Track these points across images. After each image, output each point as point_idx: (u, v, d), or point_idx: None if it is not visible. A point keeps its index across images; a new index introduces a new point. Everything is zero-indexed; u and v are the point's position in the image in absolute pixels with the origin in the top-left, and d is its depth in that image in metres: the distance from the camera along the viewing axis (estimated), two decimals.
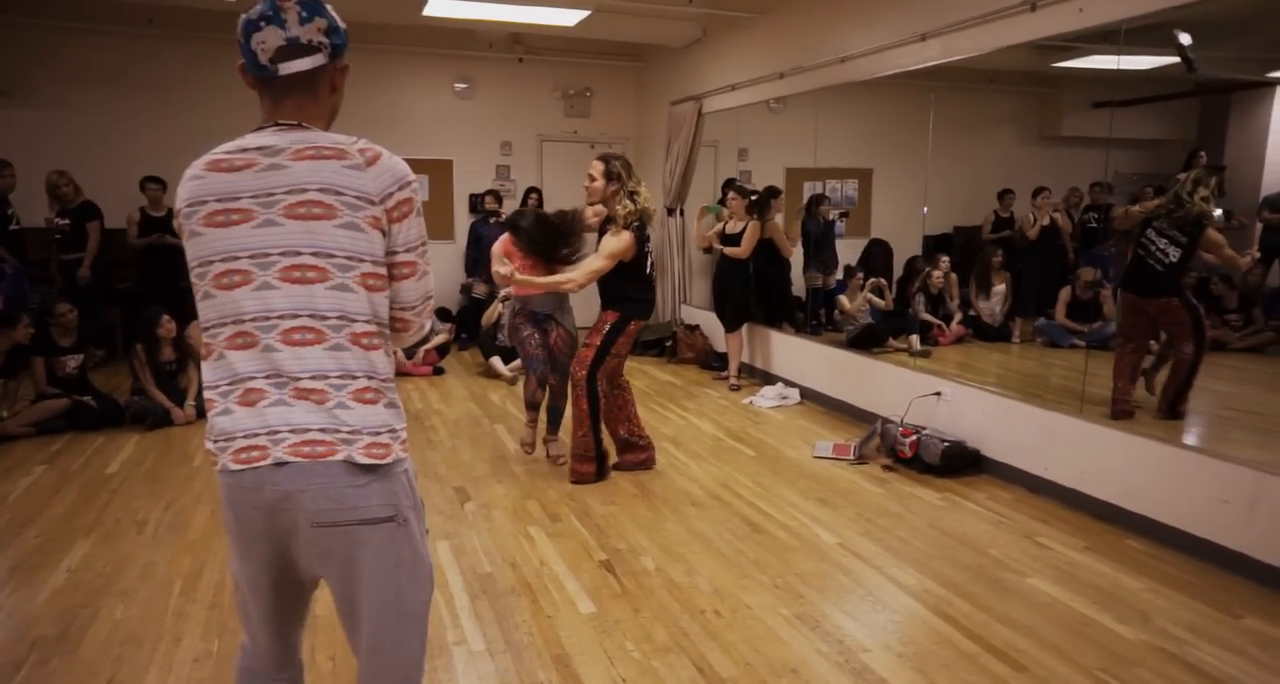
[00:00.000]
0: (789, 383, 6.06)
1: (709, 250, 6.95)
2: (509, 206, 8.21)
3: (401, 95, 8.19)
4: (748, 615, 2.80)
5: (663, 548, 3.34)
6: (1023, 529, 3.58)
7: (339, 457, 1.38)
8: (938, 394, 4.65)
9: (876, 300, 6.92)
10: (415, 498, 1.50)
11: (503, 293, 6.53)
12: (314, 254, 1.38)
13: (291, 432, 1.37)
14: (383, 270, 1.44)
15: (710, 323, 7.07)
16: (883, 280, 7.06)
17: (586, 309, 4.63)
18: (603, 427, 4.10)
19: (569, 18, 6.54)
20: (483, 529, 3.51)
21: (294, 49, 1.43)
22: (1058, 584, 3.05)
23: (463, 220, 8.46)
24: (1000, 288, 6.70)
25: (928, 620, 2.78)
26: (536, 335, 4.31)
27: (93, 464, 4.28)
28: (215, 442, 1.39)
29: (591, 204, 4.11)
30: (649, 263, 4.04)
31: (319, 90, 1.49)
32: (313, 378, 1.38)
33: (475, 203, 8.30)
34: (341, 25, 1.52)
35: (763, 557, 3.27)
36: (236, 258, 1.38)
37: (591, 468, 4.08)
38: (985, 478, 4.24)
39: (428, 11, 6.21)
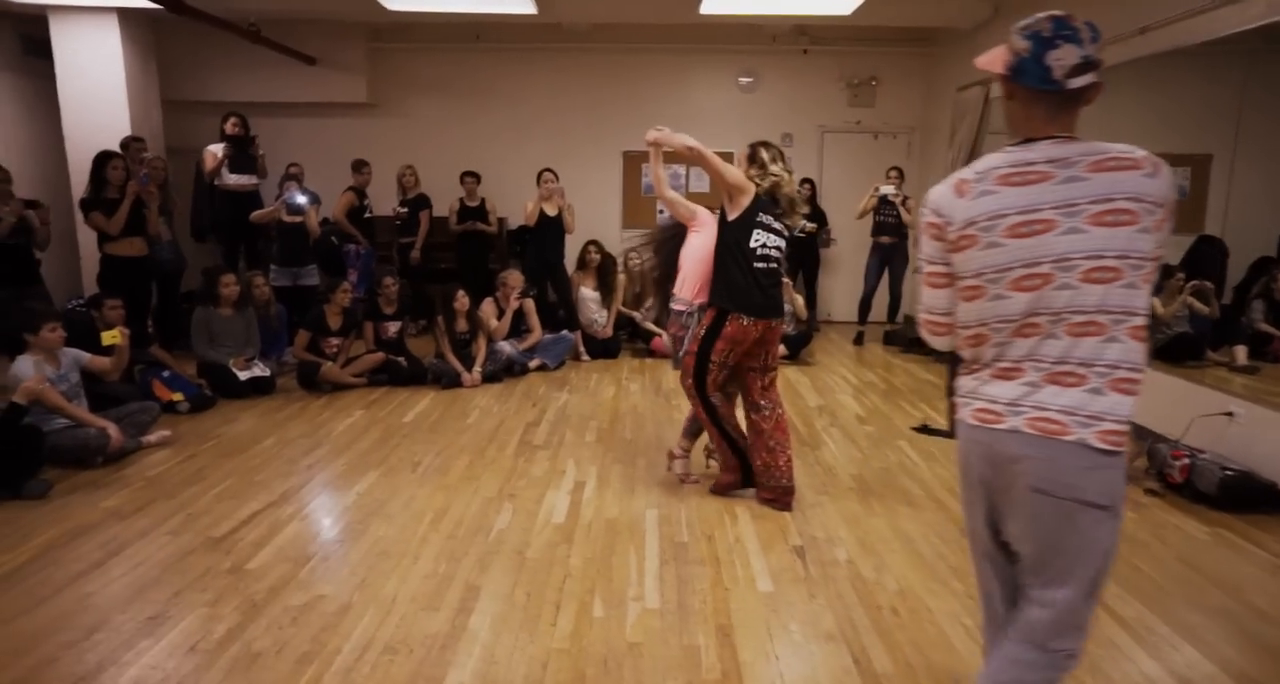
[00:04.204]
0: None
1: None
2: None
3: (687, 91, 8.60)
4: (926, 619, 2.72)
5: (860, 542, 3.32)
6: None
7: (1071, 437, 1.55)
8: (1229, 414, 4.02)
9: (1200, 306, 6.02)
10: (1124, 490, 1.64)
11: None
12: (1116, 257, 1.53)
13: (1033, 407, 1.58)
14: (1152, 269, 1.56)
15: None
16: (1209, 284, 6.12)
17: None
18: (735, 429, 3.73)
19: (845, 5, 6.47)
20: (692, 503, 3.71)
21: (1086, 66, 1.55)
22: None
23: None
24: None
25: (1135, 657, 2.51)
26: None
27: (395, 413, 5.14)
28: (962, 397, 1.72)
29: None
30: (756, 252, 3.50)
31: (1082, 104, 1.60)
32: (1079, 364, 1.56)
33: None
34: None
35: (964, 564, 3.11)
36: (1039, 263, 1.56)
37: (732, 477, 3.76)
38: None
39: (704, 9, 6.49)
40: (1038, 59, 1.55)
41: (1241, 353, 5.39)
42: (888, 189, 7.37)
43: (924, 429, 4.87)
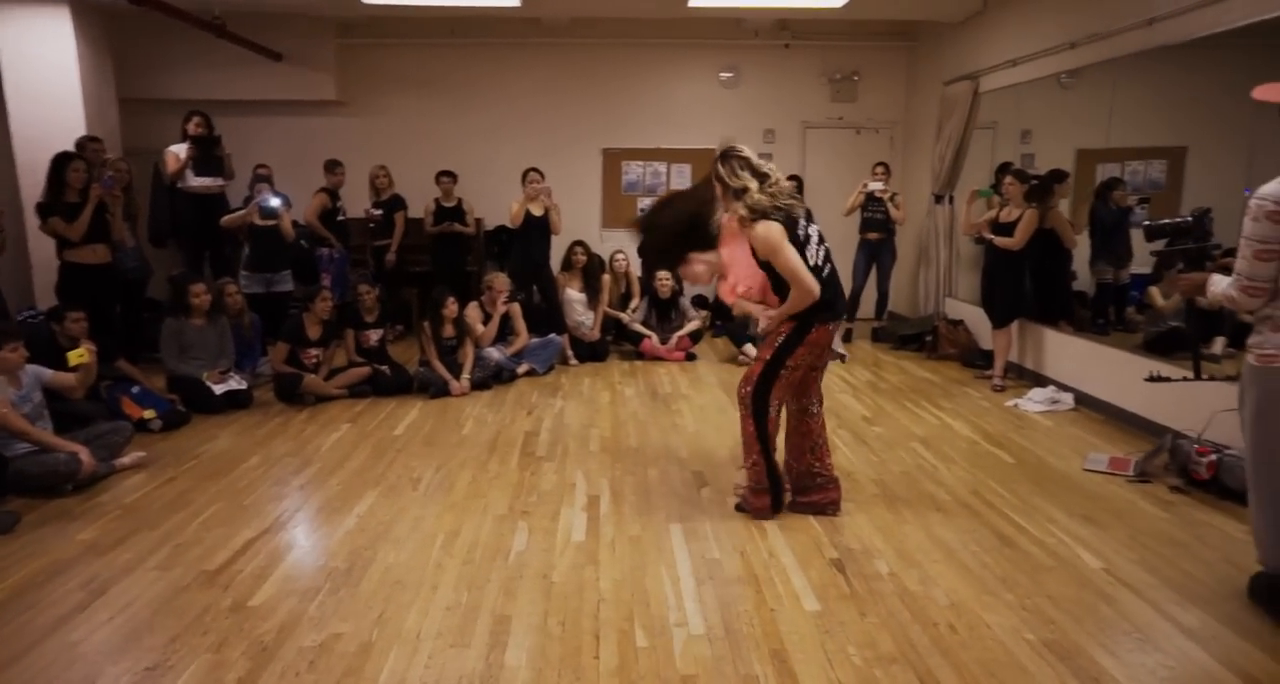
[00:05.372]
0: (1062, 386, 5.47)
1: (980, 240, 6.42)
2: None
3: (667, 87, 8.43)
4: (986, 635, 2.58)
5: (899, 553, 3.17)
6: None
7: None
8: None
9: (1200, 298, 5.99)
10: None
11: None
12: None
13: None
14: None
15: (976, 318, 6.57)
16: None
17: None
18: (776, 451, 3.48)
19: None
20: (716, 515, 3.54)
21: None
22: None
23: None
24: None
25: (1211, 670, 2.39)
26: None
27: (384, 426, 4.88)
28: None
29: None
30: (813, 253, 3.30)
31: None
32: None
33: None
34: None
35: (1011, 573, 2.99)
36: None
37: (766, 501, 3.48)
38: None
39: (694, 2, 6.32)
40: None
41: (1220, 343, 5.37)
42: (876, 185, 7.28)
43: (1156, 378, 4.27)
